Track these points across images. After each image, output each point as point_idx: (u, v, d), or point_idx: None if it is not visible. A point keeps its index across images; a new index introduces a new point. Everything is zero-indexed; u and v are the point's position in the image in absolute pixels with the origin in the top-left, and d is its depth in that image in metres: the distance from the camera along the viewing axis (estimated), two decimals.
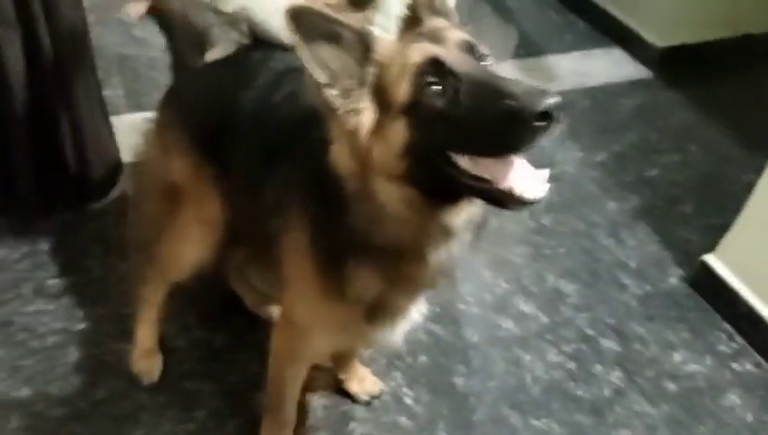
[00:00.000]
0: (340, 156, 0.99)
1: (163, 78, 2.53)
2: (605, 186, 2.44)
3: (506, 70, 2.95)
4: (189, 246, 1.46)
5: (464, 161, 0.91)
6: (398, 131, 0.93)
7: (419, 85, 0.91)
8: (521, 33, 3.28)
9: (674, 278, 2.10)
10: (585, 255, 2.17)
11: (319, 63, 0.93)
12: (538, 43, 3.20)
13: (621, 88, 2.92)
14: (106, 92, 2.37)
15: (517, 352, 1.85)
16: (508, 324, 1.92)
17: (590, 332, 1.93)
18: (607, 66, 3.05)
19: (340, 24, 0.94)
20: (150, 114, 1.50)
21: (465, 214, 1.02)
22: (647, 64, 3.03)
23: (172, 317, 1.75)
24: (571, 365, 1.83)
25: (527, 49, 3.16)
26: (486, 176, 0.91)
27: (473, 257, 2.09)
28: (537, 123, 0.84)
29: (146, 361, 1.65)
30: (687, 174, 2.50)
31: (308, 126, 1.04)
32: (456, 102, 0.90)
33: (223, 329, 1.78)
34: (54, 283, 1.82)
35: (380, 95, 0.95)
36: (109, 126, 2.02)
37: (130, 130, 2.24)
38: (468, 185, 0.93)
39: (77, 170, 1.95)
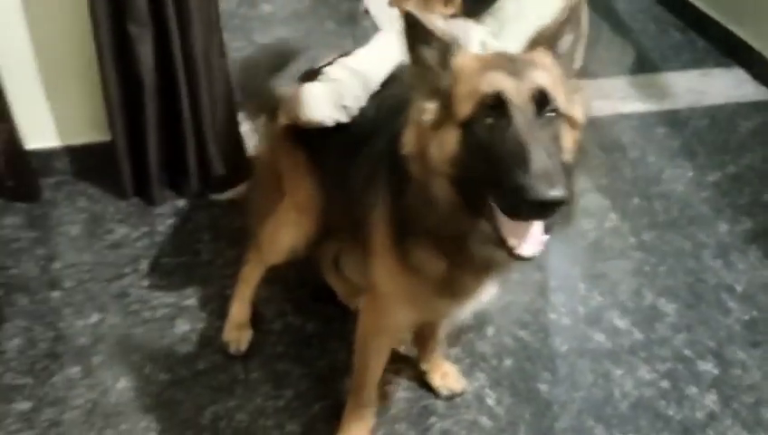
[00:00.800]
0: (408, 138, 1.10)
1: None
2: (717, 206, 2.34)
3: (620, 86, 2.92)
4: (286, 231, 1.60)
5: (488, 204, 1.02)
6: (451, 140, 1.03)
7: (480, 111, 1.00)
8: (639, 50, 3.22)
9: None
10: (688, 275, 2.09)
11: (415, 62, 1.06)
12: (655, 61, 3.12)
13: (740, 108, 2.80)
14: None
15: (607, 365, 1.81)
16: (600, 337, 1.88)
17: (687, 352, 1.86)
18: (726, 86, 2.93)
19: (433, 32, 1.05)
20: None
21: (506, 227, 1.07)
22: None
23: (270, 302, 1.86)
24: (664, 384, 1.77)
25: (644, 66, 3.09)
26: (499, 218, 1.00)
27: (568, 269, 2.08)
28: (534, 205, 0.92)
29: (236, 332, 1.76)
30: None
31: (394, 114, 1.16)
32: (498, 144, 0.98)
33: (316, 317, 1.86)
34: (168, 261, 1.97)
35: (448, 102, 1.05)
36: (235, 124, 2.14)
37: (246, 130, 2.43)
38: (486, 216, 1.03)
39: (198, 165, 2.09)
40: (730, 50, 3.09)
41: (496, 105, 0.99)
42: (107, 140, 2.06)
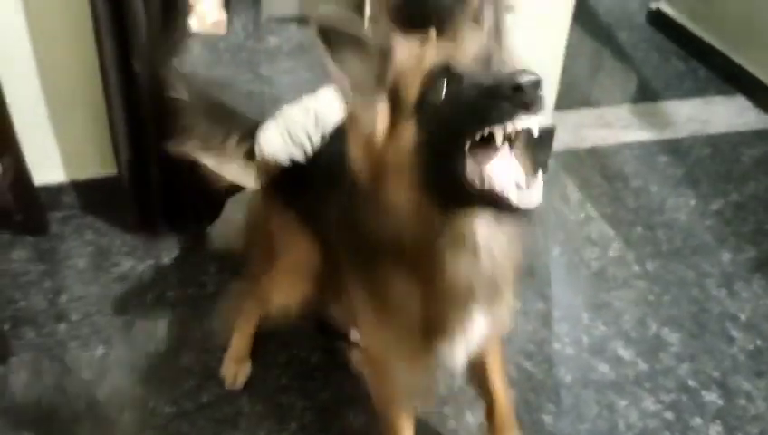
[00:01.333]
0: (356, 153, 1.02)
1: None
2: (720, 235, 2.34)
3: (622, 115, 2.95)
4: (281, 293, 1.57)
5: (468, 166, 0.94)
6: (408, 130, 0.97)
7: (428, 86, 0.96)
8: (640, 78, 3.25)
9: None
10: (692, 304, 2.09)
11: (342, 70, 0.98)
12: (657, 89, 3.15)
13: (743, 137, 2.81)
14: None
15: (611, 396, 1.81)
16: (604, 368, 1.88)
17: (691, 383, 1.85)
18: (728, 114, 2.95)
19: (359, 38, 0.98)
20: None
21: (485, 228, 1.03)
22: None
23: (274, 334, 1.87)
24: (669, 415, 1.77)
25: (646, 94, 3.12)
26: (484, 178, 0.94)
27: (572, 298, 2.09)
28: (512, 96, 0.87)
29: (234, 367, 1.77)
30: None
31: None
32: (453, 97, 0.94)
33: (319, 349, 1.87)
34: (173, 294, 1.99)
35: (396, 98, 0.99)
36: None
37: None
38: (469, 190, 0.95)
39: (192, 197, 2.12)
40: (732, 78, 3.11)
41: (445, 73, 0.96)
42: (113, 174, 2.09)
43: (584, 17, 3.59)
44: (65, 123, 2.07)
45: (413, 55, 0.99)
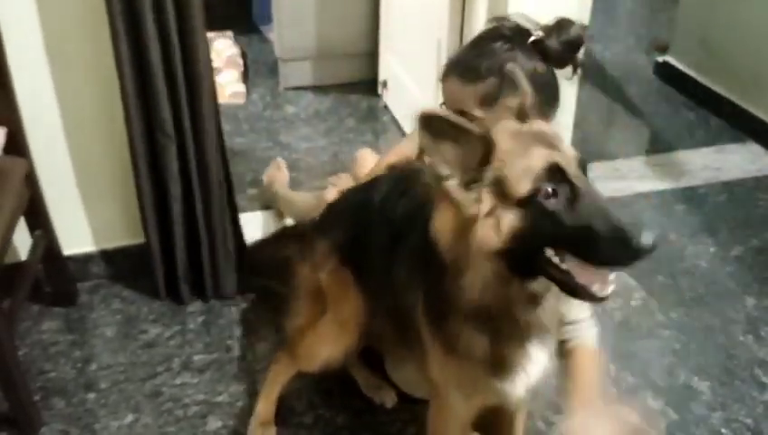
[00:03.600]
0: (443, 227, 1.13)
1: (302, 176, 2.82)
2: (743, 281, 2.34)
3: (636, 166, 2.98)
4: (326, 345, 1.63)
5: (552, 254, 1.07)
6: (511, 220, 1.05)
7: (539, 186, 1.04)
8: (652, 130, 3.30)
9: None
10: (719, 351, 2.07)
11: (443, 160, 1.08)
12: (669, 140, 3.19)
13: (759, 183, 2.83)
14: (253, 191, 2.68)
15: None
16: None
17: (724, 431, 1.82)
18: (742, 161, 2.97)
19: (465, 128, 1.07)
20: None
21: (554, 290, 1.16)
22: None
23: (300, 395, 1.88)
24: None
25: (659, 146, 3.16)
26: (569, 269, 1.07)
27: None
28: (637, 253, 0.99)
29: (260, 430, 1.76)
30: None
31: (423, 211, 1.20)
32: (568, 210, 1.03)
33: (346, 409, 1.87)
34: (199, 358, 2.01)
35: (498, 187, 1.07)
36: (237, 226, 2.20)
37: (274, 222, 2.52)
38: (551, 273, 1.09)
39: (210, 265, 2.16)
40: (744, 125, 3.15)
41: (555, 176, 1.04)
42: (139, 243, 2.15)
43: (593, 73, 3.67)
44: (94, 195, 2.14)
45: (515, 151, 1.08)
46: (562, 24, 1.48)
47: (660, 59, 3.67)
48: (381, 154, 2.26)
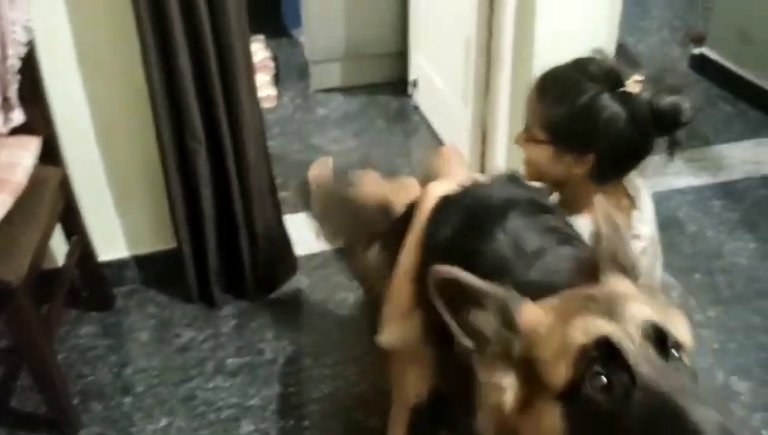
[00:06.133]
0: (487, 428, 0.88)
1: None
2: None
3: (675, 163, 2.91)
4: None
5: None
6: (553, 420, 0.79)
7: (583, 372, 0.76)
8: (689, 124, 3.21)
9: None
10: (760, 350, 2.01)
11: (464, 329, 0.86)
12: (707, 134, 3.11)
13: None
14: (284, 193, 2.68)
15: None
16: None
17: (766, 433, 1.78)
18: None
19: (482, 289, 0.85)
20: None
21: None
22: None
23: None
24: None
25: (695, 139, 3.08)
26: None
27: None
28: None
29: None
30: None
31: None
32: (625, 405, 0.73)
33: None
34: (232, 362, 2.03)
35: (531, 370, 0.82)
36: (282, 227, 2.24)
37: (303, 226, 2.52)
38: None
39: (251, 266, 2.18)
40: None
41: (605, 356, 0.76)
42: (172, 248, 2.18)
43: (627, 66, 3.60)
44: (127, 202, 2.18)
45: (550, 321, 0.83)
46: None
47: (696, 51, 3.59)
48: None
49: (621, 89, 1.33)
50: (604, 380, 0.75)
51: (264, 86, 3.47)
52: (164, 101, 1.89)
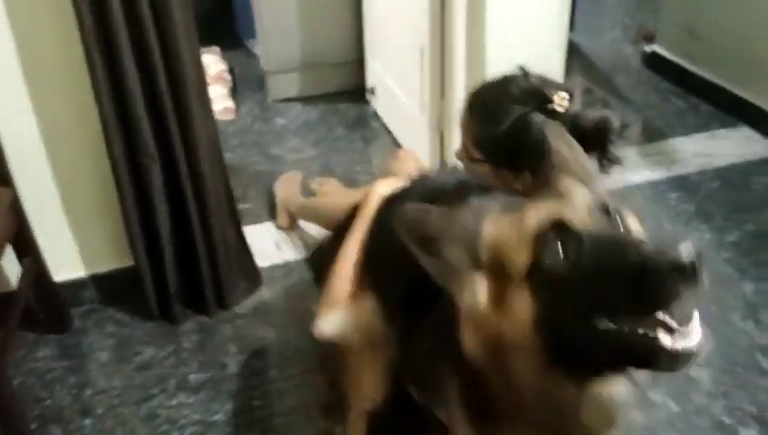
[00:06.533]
0: (469, 338, 0.91)
1: None
2: (740, 266, 2.31)
3: (629, 157, 2.95)
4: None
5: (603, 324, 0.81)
6: (523, 302, 0.85)
7: (542, 251, 0.84)
8: (643, 120, 3.28)
9: None
10: (719, 339, 2.04)
11: (436, 263, 0.92)
12: (661, 129, 3.17)
13: (753, 166, 2.80)
14: (245, 205, 2.66)
15: None
16: (634, 413, 1.83)
17: (727, 420, 1.80)
18: (735, 145, 2.95)
19: (449, 215, 0.92)
20: None
21: (616, 386, 0.90)
22: None
23: None
24: None
25: (650, 135, 3.13)
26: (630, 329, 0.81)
27: None
28: (671, 275, 0.75)
29: None
30: None
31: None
32: (578, 264, 0.81)
33: None
34: (195, 377, 2.00)
35: (498, 269, 0.88)
36: (242, 239, 2.23)
37: (265, 238, 2.51)
38: (611, 348, 0.82)
39: (212, 280, 2.16)
40: (734, 110, 3.13)
41: (557, 233, 0.83)
42: (129, 266, 2.14)
43: (581, 66, 3.66)
44: (81, 220, 2.14)
45: (510, 222, 0.90)
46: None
47: (648, 49, 3.66)
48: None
49: (549, 105, 1.33)
50: (559, 249, 0.82)
51: (222, 98, 3.44)
52: (114, 119, 1.86)
